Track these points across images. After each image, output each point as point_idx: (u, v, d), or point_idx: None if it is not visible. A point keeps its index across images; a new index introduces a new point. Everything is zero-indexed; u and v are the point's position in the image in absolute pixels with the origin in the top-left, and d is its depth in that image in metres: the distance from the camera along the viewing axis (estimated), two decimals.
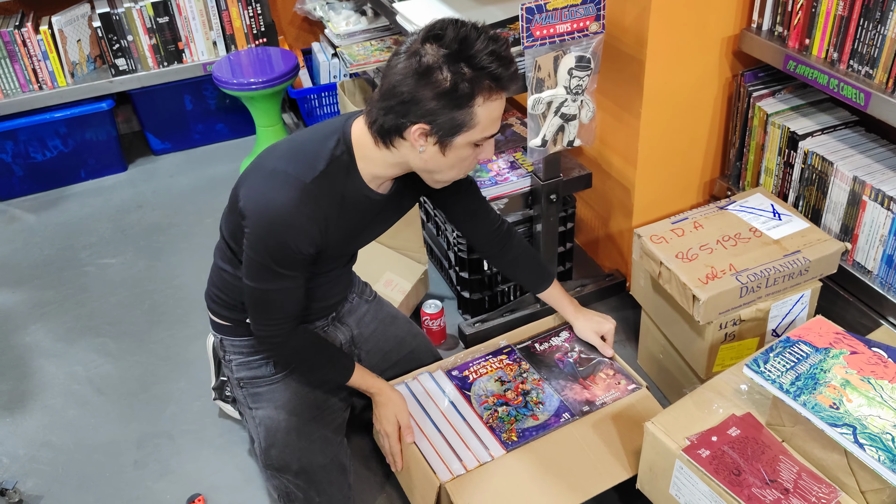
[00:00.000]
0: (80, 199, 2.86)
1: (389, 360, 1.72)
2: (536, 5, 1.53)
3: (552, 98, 1.65)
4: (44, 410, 1.99)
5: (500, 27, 1.84)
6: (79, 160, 2.92)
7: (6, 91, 2.74)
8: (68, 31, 2.75)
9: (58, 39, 2.71)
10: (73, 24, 2.77)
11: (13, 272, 2.50)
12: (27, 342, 2.21)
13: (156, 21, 2.79)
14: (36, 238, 2.67)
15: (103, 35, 2.74)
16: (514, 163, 1.98)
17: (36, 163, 2.86)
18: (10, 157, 2.81)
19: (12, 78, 2.72)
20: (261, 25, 2.99)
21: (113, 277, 2.45)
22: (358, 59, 2.67)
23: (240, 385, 1.60)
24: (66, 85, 2.78)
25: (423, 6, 2.04)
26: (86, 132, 2.87)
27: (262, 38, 3.00)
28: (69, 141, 2.86)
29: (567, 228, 2.08)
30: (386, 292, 2.06)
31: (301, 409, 1.55)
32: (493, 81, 1.21)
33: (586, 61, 1.63)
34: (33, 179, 2.89)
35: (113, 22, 2.74)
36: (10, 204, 2.86)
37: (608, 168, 2.06)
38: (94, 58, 2.87)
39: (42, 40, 2.69)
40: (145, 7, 2.76)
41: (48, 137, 2.83)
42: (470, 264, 2.03)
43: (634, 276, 1.86)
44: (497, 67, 1.20)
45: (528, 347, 1.74)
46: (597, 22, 1.60)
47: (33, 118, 2.76)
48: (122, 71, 2.83)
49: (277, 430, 1.53)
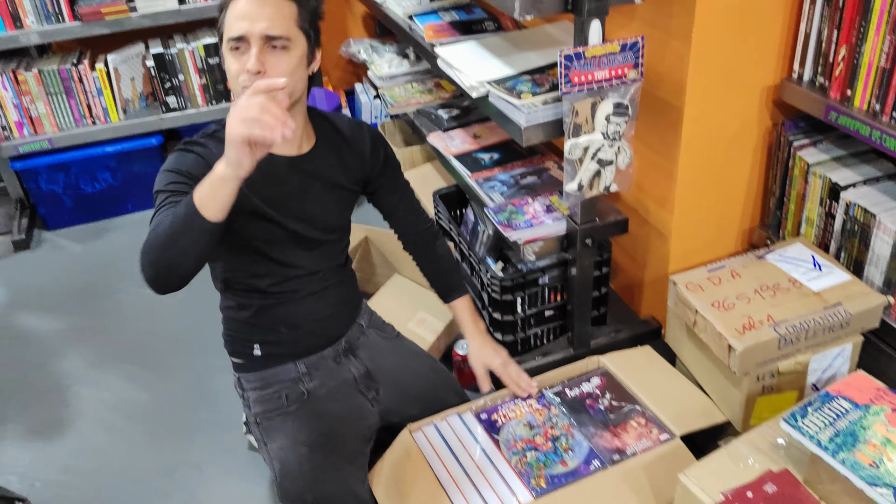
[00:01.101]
0: (125, 231, 2.94)
1: (410, 395, 1.71)
2: (575, 53, 1.55)
3: (589, 143, 1.66)
4: (75, 435, 2.03)
5: (539, 72, 1.86)
6: (126, 193, 3.01)
7: (61, 125, 2.85)
8: (123, 70, 2.86)
9: (112, 77, 2.82)
10: (128, 63, 2.88)
11: (55, 299, 2.57)
12: (63, 367, 2.26)
13: (206, 62, 2.89)
14: (79, 267, 2.75)
15: (156, 74, 2.85)
16: (549, 206, 1.98)
17: (85, 194, 2.96)
18: (62, 188, 2.92)
19: (67, 113, 2.84)
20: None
21: (148, 307, 2.49)
22: (399, 101, 2.73)
23: (256, 421, 1.62)
24: (118, 121, 2.88)
25: (464, 51, 2.07)
26: (135, 166, 2.96)
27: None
28: (118, 174, 2.96)
29: (602, 273, 2.06)
30: (418, 331, 2.06)
31: (314, 440, 1.55)
32: None
33: (624, 108, 1.64)
34: (82, 210, 2.99)
35: (166, 62, 2.84)
36: (58, 234, 2.95)
37: (645, 214, 2.05)
38: (146, 95, 2.98)
39: (97, 77, 2.80)
40: (197, 48, 2.86)
41: (98, 170, 2.93)
42: (503, 306, 2.03)
43: (670, 323, 1.84)
44: None
45: (559, 392, 1.72)
46: (635, 69, 1.61)
47: (85, 151, 2.87)
48: (172, 108, 2.92)
49: (291, 462, 1.53)
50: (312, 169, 1.52)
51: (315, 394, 1.62)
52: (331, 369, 1.66)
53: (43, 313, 2.51)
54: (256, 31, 1.31)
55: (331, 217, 1.59)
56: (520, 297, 2.03)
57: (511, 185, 2.12)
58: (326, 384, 1.64)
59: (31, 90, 2.76)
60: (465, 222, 2.37)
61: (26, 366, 2.28)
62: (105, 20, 2.71)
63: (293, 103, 1.40)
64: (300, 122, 1.48)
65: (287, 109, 1.20)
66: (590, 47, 1.56)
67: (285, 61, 1.34)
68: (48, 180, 2.89)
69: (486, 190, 2.11)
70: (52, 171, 2.88)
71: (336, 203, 1.60)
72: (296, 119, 1.43)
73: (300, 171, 1.50)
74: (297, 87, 1.39)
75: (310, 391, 1.62)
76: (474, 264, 2.16)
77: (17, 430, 2.05)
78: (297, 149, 1.50)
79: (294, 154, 1.49)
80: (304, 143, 1.52)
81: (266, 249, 1.51)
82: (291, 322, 1.60)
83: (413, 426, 1.67)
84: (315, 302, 1.61)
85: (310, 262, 1.58)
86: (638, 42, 1.59)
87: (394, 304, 1.72)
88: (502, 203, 2.03)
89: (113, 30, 2.74)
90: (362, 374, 1.68)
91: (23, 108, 2.78)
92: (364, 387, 1.68)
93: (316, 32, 1.42)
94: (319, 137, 1.56)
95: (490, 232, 2.18)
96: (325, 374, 1.65)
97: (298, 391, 1.61)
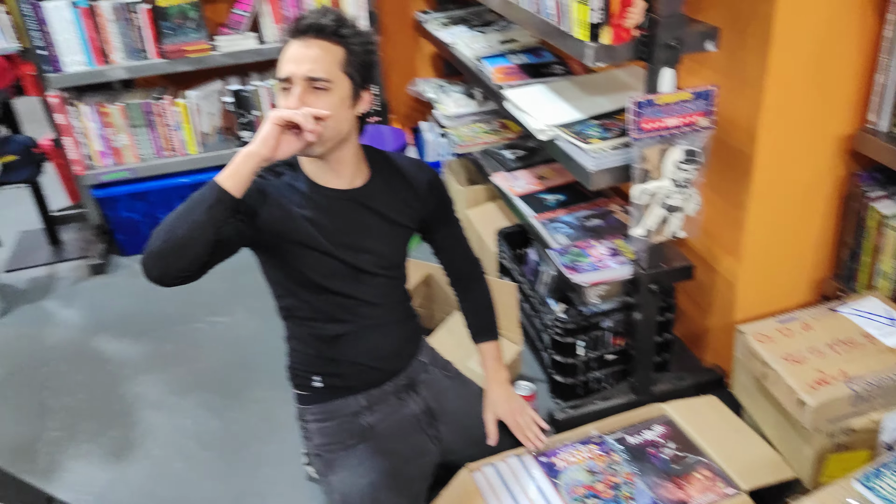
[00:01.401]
0: None
1: (471, 436, 1.72)
2: (646, 100, 1.57)
3: (657, 190, 1.66)
4: (149, 460, 2.09)
5: (607, 117, 1.88)
6: None
7: (142, 156, 2.99)
8: (202, 105, 2.99)
9: (192, 112, 2.95)
10: (208, 99, 3.01)
11: (134, 324, 2.67)
12: (139, 392, 2.34)
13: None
14: (155, 293, 2.80)
15: (233, 109, 2.97)
16: (614, 250, 1.98)
17: None
18: (140, 216, 3.05)
19: (148, 144, 2.97)
20: (375, 104, 3.16)
21: (223, 335, 2.57)
22: (465, 140, 2.77)
23: (317, 454, 1.64)
24: (196, 153, 3.01)
25: (532, 94, 2.11)
26: None
27: (376, 116, 3.17)
28: None
29: (666, 319, 2.04)
30: (477, 370, 2.07)
31: (376, 476, 1.56)
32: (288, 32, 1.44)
33: (694, 155, 1.64)
34: None
35: (242, 98, 2.96)
36: (134, 259, 3.07)
37: (711, 261, 2.03)
38: (222, 129, 3.11)
39: (178, 112, 2.94)
40: (273, 86, 2.98)
41: (175, 200, 3.04)
42: (564, 348, 2.02)
43: (736, 374, 1.80)
44: (296, 22, 1.43)
45: (621, 439, 1.71)
46: (707, 117, 1.62)
47: (164, 182, 3.00)
48: (245, 142, 3.03)
49: (353, 496, 1.54)
50: (365, 201, 1.57)
51: (376, 428, 1.64)
52: (392, 404, 1.68)
53: (118, 337, 2.61)
54: (300, 72, 1.40)
55: (385, 249, 1.62)
56: (581, 340, 2.02)
57: (575, 228, 2.13)
58: (387, 419, 1.66)
59: (115, 122, 2.91)
60: (528, 262, 2.38)
61: (103, 388, 2.37)
62: (188, 58, 2.85)
63: (340, 140, 1.48)
64: (351, 158, 1.54)
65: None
66: (661, 94, 1.57)
67: (325, 101, 1.41)
68: (127, 208, 3.03)
69: (551, 231, 2.12)
70: (131, 200, 3.01)
71: (389, 236, 1.63)
72: (345, 155, 1.52)
73: (352, 203, 1.56)
74: (340, 126, 1.46)
75: (371, 425, 1.64)
76: (536, 305, 2.17)
77: (94, 451, 2.13)
78: (350, 182, 1.56)
79: (346, 187, 1.56)
80: (357, 177, 1.58)
81: (323, 281, 1.55)
82: (351, 355, 1.62)
83: (472, 465, 1.67)
84: (375, 337, 1.64)
85: (367, 295, 1.61)
86: (711, 90, 1.59)
87: (454, 342, 1.74)
88: (566, 245, 2.04)
89: (195, 67, 2.87)
90: (424, 411, 1.70)
91: (106, 139, 2.93)
92: (425, 424, 1.69)
93: (363, 76, 1.48)
94: (374, 172, 1.61)
95: (553, 273, 2.18)
96: (386, 409, 1.67)
97: (360, 425, 1.64)
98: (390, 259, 1.63)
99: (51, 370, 2.47)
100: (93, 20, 2.74)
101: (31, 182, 3.02)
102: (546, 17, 1.79)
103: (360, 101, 1.50)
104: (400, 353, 1.70)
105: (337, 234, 1.53)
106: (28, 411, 2.29)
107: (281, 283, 1.59)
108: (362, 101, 1.51)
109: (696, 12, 1.74)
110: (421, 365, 1.75)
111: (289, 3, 2.88)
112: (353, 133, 1.52)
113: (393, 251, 1.64)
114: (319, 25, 1.41)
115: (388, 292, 1.65)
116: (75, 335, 2.64)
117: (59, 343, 2.61)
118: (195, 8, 2.82)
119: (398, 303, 1.70)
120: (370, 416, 1.65)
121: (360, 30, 1.47)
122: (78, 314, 2.76)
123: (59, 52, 2.76)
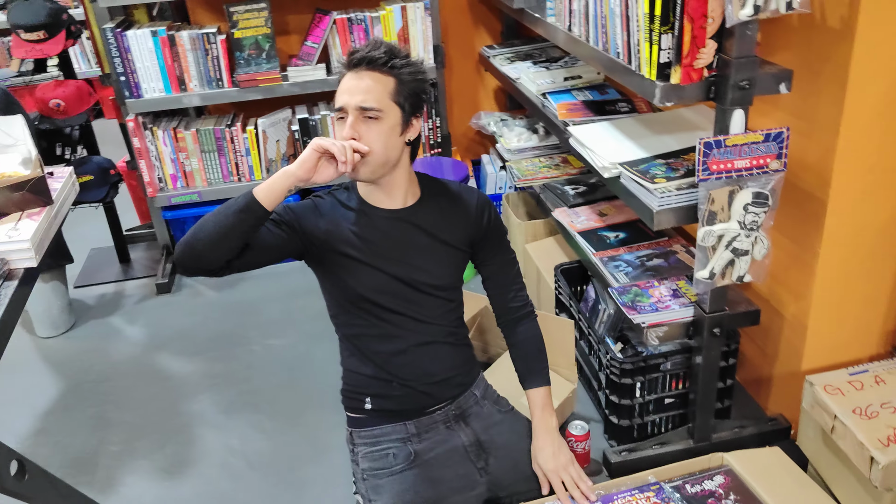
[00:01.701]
0: (258, 282, 3.11)
1: (521, 472, 1.68)
2: (715, 140, 1.54)
3: (724, 232, 1.63)
4: (199, 478, 2.12)
5: (674, 157, 1.86)
6: None
7: (210, 180, 3.08)
8: (270, 132, 3.07)
9: (260, 139, 3.04)
10: (276, 126, 3.09)
11: (191, 343, 2.74)
12: (194, 410, 2.39)
13: None
14: (215, 313, 2.92)
15: (299, 137, 3.05)
16: (676, 291, 1.94)
17: None
18: None
19: (217, 169, 3.07)
20: (438, 136, 3.20)
21: (276, 358, 2.61)
22: (526, 174, 2.78)
23: (363, 477, 1.64)
24: (261, 178, 3.08)
25: (597, 131, 2.10)
26: None
27: (438, 147, 3.20)
28: None
29: (729, 364, 1.98)
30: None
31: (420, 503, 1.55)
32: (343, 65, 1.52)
33: (764, 198, 1.60)
34: None
35: (309, 126, 3.03)
36: (198, 280, 3.16)
37: (778, 306, 1.97)
38: (287, 156, 3.18)
39: (247, 138, 3.03)
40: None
41: None
42: (621, 389, 1.98)
43: (802, 425, 1.73)
44: (349, 56, 1.50)
45: (679, 487, 1.65)
46: (778, 160, 1.58)
47: None
48: None
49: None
50: (414, 220, 1.62)
51: (423, 456, 1.63)
52: (441, 433, 1.67)
53: (177, 355, 2.67)
54: (353, 103, 1.48)
55: (434, 268, 1.64)
56: (639, 381, 1.98)
57: (636, 266, 2.09)
58: (435, 448, 1.65)
59: (187, 147, 3.01)
60: (586, 299, 2.35)
61: (162, 405, 2.43)
62: (259, 87, 2.94)
63: (390, 166, 1.54)
64: (402, 182, 1.60)
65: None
66: (731, 136, 1.55)
67: (376, 129, 1.49)
68: None
69: (611, 269, 2.09)
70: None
71: (440, 255, 1.65)
72: (396, 179, 1.58)
73: (402, 221, 1.61)
74: (389, 153, 1.52)
75: (418, 452, 1.63)
76: (593, 343, 2.13)
77: (147, 466, 2.17)
78: (401, 203, 1.62)
79: (397, 207, 1.62)
80: (408, 198, 1.63)
81: (371, 296, 1.60)
82: (402, 375, 1.64)
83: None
84: (425, 358, 1.65)
85: (417, 313, 1.63)
86: (783, 132, 1.56)
87: (509, 377, 1.72)
88: (627, 284, 2.01)
89: (265, 96, 2.96)
90: (473, 443, 1.68)
91: (178, 163, 3.03)
92: (474, 455, 1.67)
93: (413, 105, 1.54)
94: (424, 194, 1.66)
95: (611, 311, 2.15)
96: (434, 437, 1.66)
97: (407, 451, 1.63)
98: (440, 278, 1.65)
99: (113, 385, 2.54)
100: (172, 49, 2.86)
101: (106, 202, 3.14)
102: (613, 54, 1.79)
103: (410, 128, 1.56)
104: (450, 380, 1.69)
105: (385, 250, 1.59)
106: (90, 424, 2.36)
107: (335, 299, 1.66)
108: (412, 128, 1.57)
109: (768, 53, 1.71)
110: (473, 397, 1.73)
111: (357, 36, 2.95)
112: (403, 158, 1.58)
113: (443, 271, 1.66)
114: (371, 58, 1.48)
115: (439, 313, 1.66)
116: (138, 351, 2.72)
117: (122, 358, 2.68)
118: (269, 39, 2.92)
119: (449, 326, 1.70)
120: (418, 443, 1.64)
121: (410, 60, 1.54)
122: (141, 331, 2.84)
123: (139, 79, 2.89)
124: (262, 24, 2.90)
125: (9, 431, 2.34)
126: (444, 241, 1.64)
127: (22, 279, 1.44)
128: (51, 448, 2.27)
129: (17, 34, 2.74)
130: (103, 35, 2.82)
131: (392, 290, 1.60)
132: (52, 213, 1.56)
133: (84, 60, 4.55)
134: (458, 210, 1.67)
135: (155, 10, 3.20)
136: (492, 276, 1.76)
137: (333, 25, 2.93)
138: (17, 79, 3.45)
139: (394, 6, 2.93)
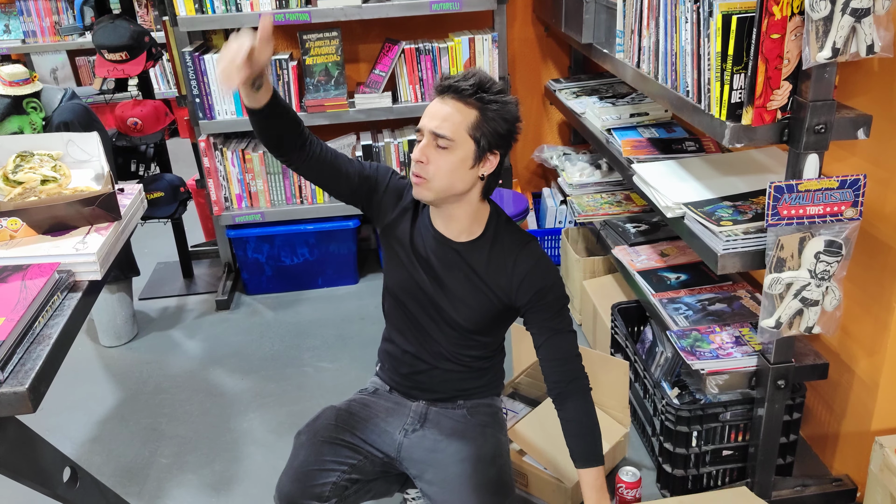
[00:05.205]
0: (313, 304, 3.14)
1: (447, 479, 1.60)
2: (787, 185, 1.48)
3: (793, 280, 1.56)
4: (245, 498, 2.12)
5: (741, 199, 1.80)
6: (319, 269, 3.23)
7: (274, 201, 3.14)
8: None
9: None
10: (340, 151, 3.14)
11: (246, 361, 2.77)
12: (243, 427, 2.41)
13: (407, 156, 3.09)
14: (270, 333, 2.96)
15: None
16: (739, 338, 1.86)
17: (284, 266, 3.22)
18: (265, 258, 3.19)
19: (281, 191, 3.13)
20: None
21: (327, 381, 2.62)
22: (587, 210, 2.74)
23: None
24: (323, 202, 3.13)
25: (662, 169, 2.06)
26: (330, 245, 3.19)
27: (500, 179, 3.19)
28: (315, 251, 3.19)
29: (793, 418, 1.89)
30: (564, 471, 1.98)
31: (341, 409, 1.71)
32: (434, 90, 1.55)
33: (837, 247, 1.53)
34: (278, 280, 3.24)
35: (373, 152, 3.07)
36: (256, 299, 3.21)
37: (848, 360, 1.87)
38: None
39: None
40: (402, 143, 3.07)
41: (298, 245, 3.18)
42: (676, 437, 1.91)
43: (870, 489, 1.63)
44: (441, 80, 1.52)
45: None
46: (854, 208, 1.51)
47: (290, 227, 3.13)
48: None
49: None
50: (462, 254, 1.61)
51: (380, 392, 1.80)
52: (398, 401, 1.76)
53: (233, 372, 2.71)
54: (428, 127, 1.50)
55: (469, 300, 1.61)
56: (696, 430, 1.90)
57: (697, 310, 2.03)
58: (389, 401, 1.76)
59: (254, 168, 3.08)
60: (643, 340, 2.29)
61: (213, 420, 2.46)
62: (326, 112, 3.00)
63: (453, 195, 1.53)
64: (463, 216, 1.58)
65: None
66: (804, 181, 1.49)
67: (443, 158, 1.49)
68: (255, 249, 3.18)
69: (670, 311, 2.03)
70: (259, 242, 3.17)
71: (477, 292, 1.61)
72: (458, 211, 1.58)
73: (452, 251, 1.61)
74: (455, 183, 1.51)
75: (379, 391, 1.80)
76: (648, 386, 2.07)
77: (195, 481, 2.20)
78: (456, 236, 1.61)
79: (451, 238, 1.61)
80: (466, 233, 1.61)
81: (402, 296, 1.66)
82: (402, 372, 1.75)
83: None
84: (424, 378, 1.72)
85: (436, 334, 1.66)
86: (860, 179, 1.49)
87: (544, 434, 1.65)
88: (687, 328, 1.94)
89: (332, 121, 3.01)
90: (414, 420, 1.72)
91: (244, 184, 3.10)
92: (408, 426, 1.71)
93: (491, 142, 1.50)
94: (484, 235, 1.62)
95: (669, 355, 2.08)
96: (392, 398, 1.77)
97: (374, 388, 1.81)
98: (470, 317, 1.62)
99: (169, 397, 2.59)
100: None
101: (174, 218, 3.23)
102: (682, 92, 1.75)
103: (483, 163, 1.52)
104: (438, 393, 1.74)
105: (428, 262, 1.62)
106: (143, 435, 2.40)
107: (385, 283, 1.73)
108: (487, 163, 1.53)
109: (845, 97, 1.65)
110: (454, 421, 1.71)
111: (425, 66, 2.98)
112: (473, 192, 1.55)
113: (476, 311, 1.62)
114: (457, 87, 1.48)
115: (456, 350, 1.67)
116: (194, 366, 2.77)
117: (178, 372, 2.73)
118: (338, 66, 2.98)
119: (463, 366, 1.69)
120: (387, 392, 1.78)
121: (501, 98, 1.49)
122: (199, 346, 2.90)
123: (213, 101, 2.98)
124: (333, 51, 2.96)
125: (66, 437, 2.40)
126: (486, 283, 1.60)
127: (86, 291, 1.47)
128: (104, 456, 2.31)
129: (101, 54, 2.86)
130: (182, 58, 2.92)
131: (419, 301, 1.65)
132: (119, 229, 1.61)
133: (164, 81, 4.73)
134: (502, 265, 1.60)
135: None
136: (540, 347, 1.62)
137: (402, 55, 2.97)
138: (99, 96, 3.60)
139: (462, 37, 2.96)
